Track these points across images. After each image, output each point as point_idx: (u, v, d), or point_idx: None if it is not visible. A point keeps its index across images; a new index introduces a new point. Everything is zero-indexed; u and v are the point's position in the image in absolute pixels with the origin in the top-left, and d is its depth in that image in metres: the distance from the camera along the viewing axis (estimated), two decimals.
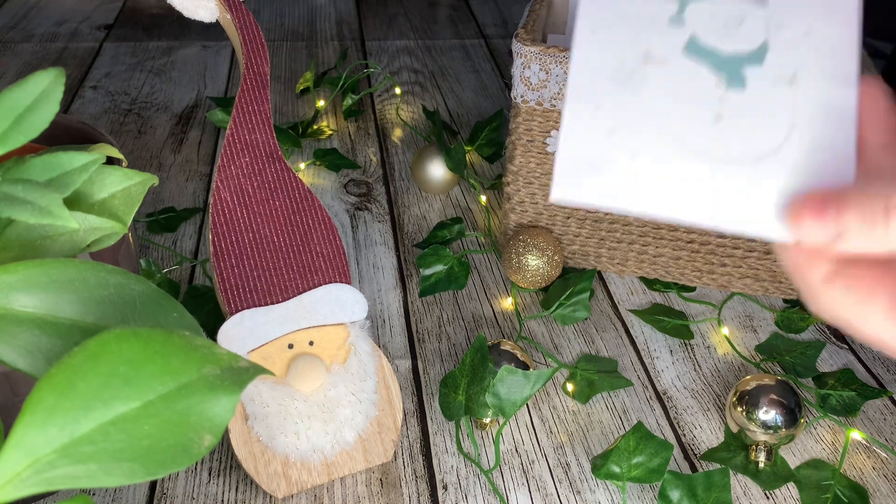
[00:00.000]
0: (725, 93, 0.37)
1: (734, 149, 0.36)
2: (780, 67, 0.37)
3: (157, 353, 0.33)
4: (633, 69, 0.37)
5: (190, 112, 1.17)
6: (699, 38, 0.38)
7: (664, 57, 0.37)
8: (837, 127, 0.36)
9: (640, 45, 0.38)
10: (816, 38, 0.37)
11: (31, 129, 0.44)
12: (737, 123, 0.37)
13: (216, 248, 0.64)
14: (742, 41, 0.38)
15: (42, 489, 0.30)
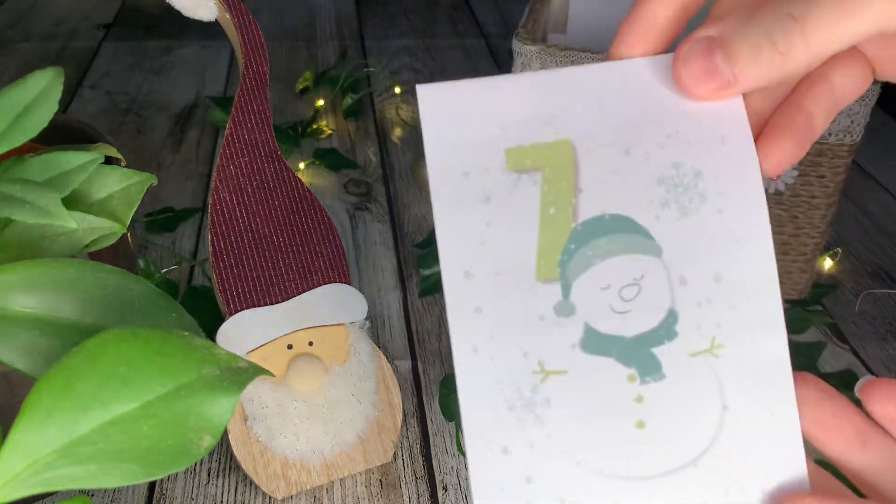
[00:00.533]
0: (642, 389, 0.31)
1: (668, 458, 0.31)
2: (697, 336, 0.31)
3: (156, 354, 0.33)
4: (531, 392, 0.31)
5: (189, 112, 1.17)
6: (595, 326, 0.31)
7: (562, 365, 0.31)
8: (773, 387, 0.31)
9: (531, 357, 0.31)
10: (728, 283, 0.31)
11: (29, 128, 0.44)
12: (663, 426, 0.31)
13: (215, 248, 0.64)
14: (646, 315, 0.31)
15: (41, 490, 0.30)
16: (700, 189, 0.32)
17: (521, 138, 0.32)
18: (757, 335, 0.31)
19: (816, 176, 0.75)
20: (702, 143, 0.32)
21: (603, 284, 0.31)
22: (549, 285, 0.31)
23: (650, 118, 0.32)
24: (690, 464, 0.31)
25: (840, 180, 0.75)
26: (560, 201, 0.32)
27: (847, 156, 0.73)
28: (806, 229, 0.78)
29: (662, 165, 0.32)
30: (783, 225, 0.78)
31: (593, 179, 0.32)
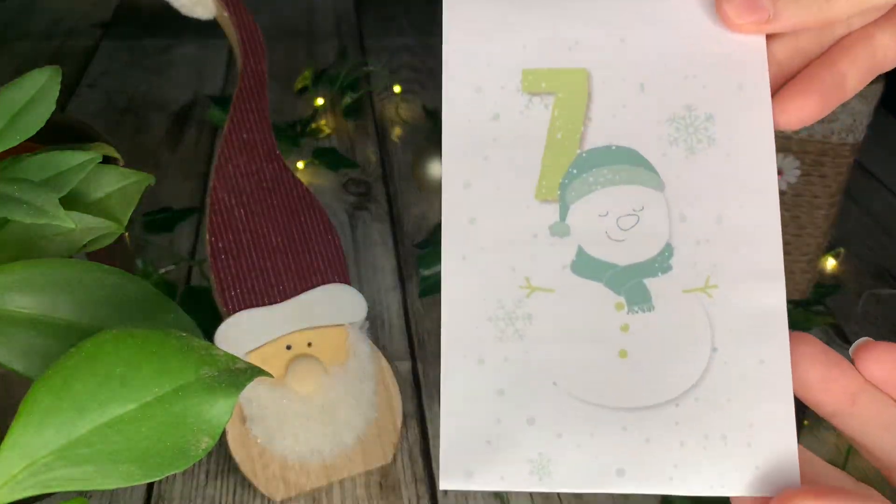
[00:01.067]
0: (628, 318, 0.31)
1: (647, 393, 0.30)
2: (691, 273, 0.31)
3: (153, 355, 0.33)
4: (514, 306, 0.31)
5: (187, 111, 1.16)
6: (589, 250, 0.31)
7: (549, 283, 0.31)
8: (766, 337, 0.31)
9: (519, 272, 0.31)
10: (729, 227, 0.31)
11: (27, 128, 0.44)
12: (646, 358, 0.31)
13: (214, 247, 0.64)
14: (642, 246, 0.31)
15: (38, 491, 0.30)
16: (710, 132, 0.32)
17: (541, 60, 0.32)
18: (754, 282, 0.31)
19: (819, 176, 0.75)
20: (718, 88, 0.32)
21: (601, 211, 0.32)
22: (546, 205, 0.32)
23: (670, 57, 0.32)
24: (671, 402, 0.30)
25: (843, 180, 0.75)
26: (569, 127, 0.32)
27: (850, 155, 0.73)
28: (808, 229, 0.78)
29: (676, 105, 0.32)
30: (785, 225, 0.78)
31: (605, 111, 0.32)
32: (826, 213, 0.77)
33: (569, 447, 0.30)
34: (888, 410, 0.30)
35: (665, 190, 0.32)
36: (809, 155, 0.74)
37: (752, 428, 0.30)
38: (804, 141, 0.73)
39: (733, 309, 0.31)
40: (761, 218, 0.31)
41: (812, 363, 0.30)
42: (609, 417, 0.30)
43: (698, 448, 0.30)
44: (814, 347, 0.31)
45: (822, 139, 0.73)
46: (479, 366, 0.31)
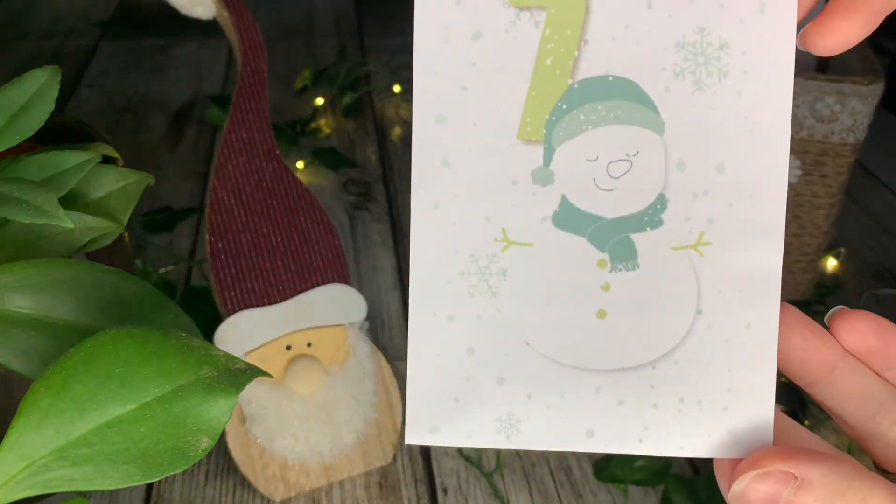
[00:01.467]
0: (610, 276, 0.29)
1: (624, 354, 0.29)
2: (683, 228, 0.28)
3: (153, 355, 0.33)
4: (488, 261, 0.29)
5: (187, 110, 1.16)
6: (573, 200, 0.28)
7: (528, 237, 0.29)
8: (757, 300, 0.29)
9: (495, 223, 0.28)
10: (731, 177, 0.28)
11: (26, 127, 0.44)
12: (626, 319, 0.29)
13: (213, 247, 0.64)
14: (632, 196, 0.28)
15: (38, 492, 0.30)
16: (722, 63, 0.28)
17: None
18: (751, 241, 0.28)
19: (819, 175, 0.75)
20: (737, 8, 0.28)
21: (591, 155, 0.28)
22: (530, 146, 0.28)
23: None
24: (648, 364, 0.29)
25: (843, 180, 0.75)
26: (560, 52, 0.28)
27: (850, 155, 0.73)
28: (809, 229, 0.78)
29: (686, 27, 0.28)
30: (786, 225, 0.78)
31: (604, 32, 0.28)
32: (826, 213, 0.77)
33: (538, 408, 0.29)
34: (865, 381, 0.30)
35: (664, 132, 0.28)
36: (810, 155, 0.74)
37: (730, 392, 0.29)
38: (805, 141, 0.73)
39: (724, 269, 0.29)
40: (767, 167, 0.28)
41: (792, 332, 0.30)
42: (582, 379, 0.29)
43: (672, 411, 0.29)
44: (794, 317, 0.30)
45: (823, 139, 0.72)
46: (450, 322, 0.29)
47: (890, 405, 0.30)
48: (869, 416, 0.30)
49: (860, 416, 0.30)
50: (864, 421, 0.30)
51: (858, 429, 0.30)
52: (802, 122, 0.72)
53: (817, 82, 0.70)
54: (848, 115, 0.71)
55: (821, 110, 0.71)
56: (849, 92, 0.69)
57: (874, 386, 0.30)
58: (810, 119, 0.71)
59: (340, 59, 1.26)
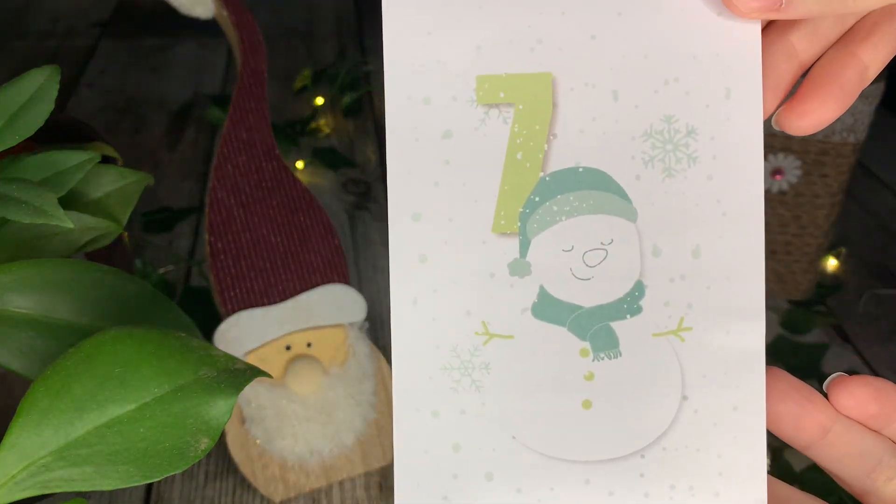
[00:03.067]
0: (594, 366, 0.29)
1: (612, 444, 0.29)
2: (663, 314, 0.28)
3: (152, 355, 0.33)
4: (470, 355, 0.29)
5: (186, 110, 1.16)
6: (551, 290, 0.28)
7: (508, 329, 0.29)
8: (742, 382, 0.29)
9: (475, 316, 0.28)
10: (707, 260, 0.28)
11: (25, 127, 0.44)
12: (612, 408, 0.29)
13: (213, 247, 0.63)
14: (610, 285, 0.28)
15: (37, 492, 0.30)
16: (691, 149, 0.28)
17: (498, 65, 0.28)
18: (732, 323, 0.29)
19: (820, 175, 0.75)
20: (703, 95, 0.28)
21: (566, 245, 0.28)
22: (505, 239, 0.28)
23: (648, 57, 0.28)
24: (636, 453, 0.29)
25: (844, 180, 0.75)
26: (530, 146, 0.28)
27: (851, 155, 0.73)
28: (809, 229, 0.78)
29: (653, 116, 0.28)
30: (786, 225, 0.78)
31: (572, 125, 0.28)
32: (827, 213, 0.77)
33: (529, 502, 0.29)
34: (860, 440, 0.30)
35: (637, 220, 0.28)
36: (811, 154, 0.74)
37: (722, 477, 0.29)
38: (805, 140, 0.73)
39: (707, 353, 0.29)
40: (743, 249, 0.29)
41: (784, 399, 0.30)
42: (571, 471, 0.29)
43: (664, 499, 0.29)
44: (786, 383, 0.30)
45: (824, 139, 0.72)
46: (434, 419, 0.29)
47: (885, 461, 0.30)
48: (865, 474, 0.30)
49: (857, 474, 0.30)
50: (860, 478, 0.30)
51: (856, 486, 0.31)
52: None
53: None
54: (848, 115, 0.71)
55: None
56: None
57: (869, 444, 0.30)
58: None
59: (340, 59, 1.25)
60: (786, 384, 0.30)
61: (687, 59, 0.28)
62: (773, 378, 0.30)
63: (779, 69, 0.29)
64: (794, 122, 0.28)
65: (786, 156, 0.74)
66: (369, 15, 1.51)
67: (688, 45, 0.28)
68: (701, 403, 0.29)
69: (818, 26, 0.29)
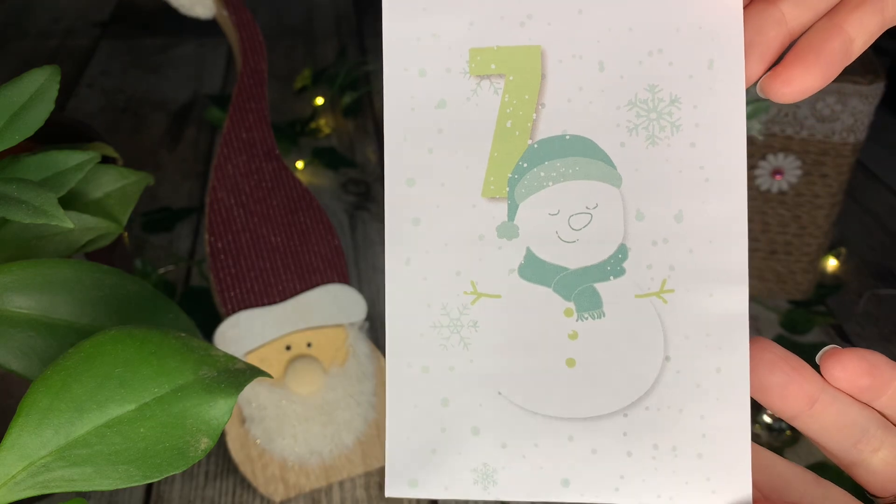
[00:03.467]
0: (577, 325, 0.30)
1: (595, 402, 0.30)
2: (646, 276, 0.29)
3: (152, 355, 0.33)
4: (459, 313, 0.30)
5: (186, 110, 1.16)
6: (538, 252, 0.30)
7: (496, 289, 0.30)
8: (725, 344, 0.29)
9: (464, 276, 0.30)
10: (690, 225, 0.29)
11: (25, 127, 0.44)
12: (595, 367, 0.30)
13: (213, 247, 0.63)
14: (594, 247, 0.29)
15: (37, 492, 0.30)
16: (674, 118, 0.30)
17: (490, 38, 0.30)
18: (714, 286, 0.29)
19: (820, 175, 0.75)
20: (686, 66, 0.29)
21: (552, 209, 0.30)
22: (494, 203, 0.30)
23: (633, 30, 0.29)
24: (619, 412, 0.30)
25: (844, 180, 0.75)
26: (519, 115, 0.30)
27: (851, 155, 0.73)
28: (809, 229, 0.78)
29: (637, 86, 0.29)
30: (787, 225, 0.78)
31: (559, 94, 0.30)
32: (827, 213, 0.77)
33: (513, 457, 0.30)
34: (846, 410, 0.30)
35: (622, 185, 0.30)
36: (810, 154, 0.74)
37: (705, 439, 0.30)
38: (805, 140, 0.73)
39: (690, 315, 0.30)
40: (726, 214, 0.29)
41: (772, 369, 0.30)
42: (555, 428, 0.30)
43: (646, 458, 0.30)
44: (773, 353, 0.30)
45: (824, 139, 0.72)
46: (424, 374, 0.30)
47: (871, 432, 0.30)
48: (851, 444, 0.30)
49: (843, 445, 0.30)
50: (846, 449, 0.31)
51: (842, 457, 0.31)
52: (803, 122, 0.72)
53: None
54: (848, 115, 0.71)
55: (821, 110, 0.71)
56: (849, 92, 0.69)
57: (855, 414, 0.30)
58: (811, 119, 0.71)
59: (340, 59, 1.25)
60: (773, 354, 0.30)
61: (670, 31, 0.29)
62: (760, 348, 0.30)
63: (767, 36, 0.30)
64: (777, 89, 0.29)
65: (786, 156, 0.74)
66: (369, 15, 1.51)
67: (671, 17, 0.29)
68: (683, 364, 0.30)
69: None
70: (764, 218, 0.78)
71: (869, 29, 0.29)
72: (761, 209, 0.78)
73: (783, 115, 0.72)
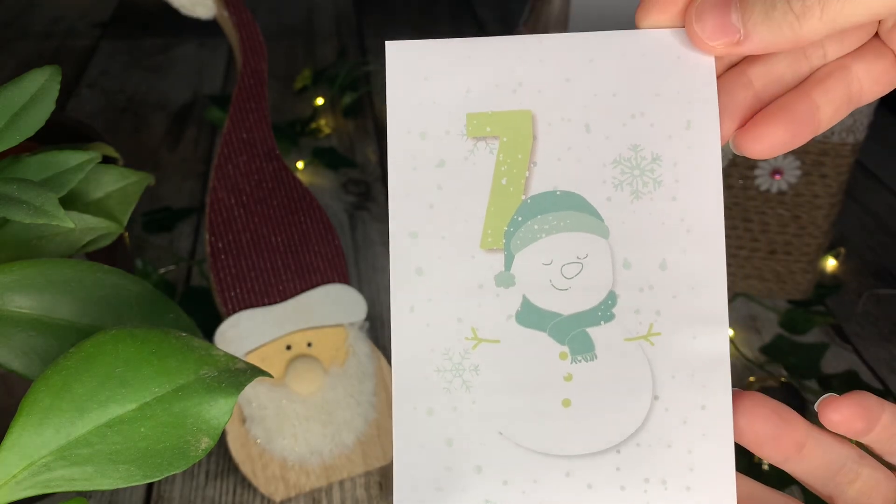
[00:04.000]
0: (572, 367, 0.31)
1: (589, 440, 0.31)
2: (634, 321, 0.31)
3: (153, 355, 0.33)
4: (461, 358, 0.32)
5: (187, 110, 1.16)
6: (533, 299, 0.32)
7: (495, 335, 0.32)
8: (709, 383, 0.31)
9: (465, 323, 0.32)
10: (673, 272, 0.31)
11: (26, 127, 0.44)
12: (589, 407, 0.31)
13: (213, 247, 0.63)
14: (585, 294, 0.31)
15: (38, 492, 0.30)
16: (656, 174, 0.32)
17: (485, 104, 0.32)
18: (697, 328, 0.31)
19: (819, 175, 0.75)
20: (666, 127, 0.32)
21: (546, 259, 0.32)
22: (492, 254, 0.32)
23: (617, 95, 0.32)
24: (612, 449, 0.31)
25: (843, 180, 0.75)
26: (513, 172, 0.32)
27: (850, 155, 0.73)
28: (809, 229, 0.78)
29: (621, 146, 0.32)
30: (786, 225, 0.78)
31: (550, 154, 0.32)
32: (827, 213, 0.77)
33: (514, 493, 0.31)
34: (829, 450, 0.33)
35: (609, 236, 0.32)
36: (810, 155, 0.74)
37: (693, 472, 0.31)
38: None
39: (675, 356, 0.31)
40: (706, 263, 0.31)
41: (764, 422, 0.32)
42: (553, 464, 0.31)
43: (638, 492, 0.31)
44: (764, 407, 0.32)
45: (823, 139, 0.72)
46: (429, 416, 0.32)
47: (848, 466, 0.33)
48: (830, 478, 0.33)
49: (823, 480, 0.33)
50: (827, 483, 0.33)
51: (822, 490, 0.34)
52: None
53: None
54: (848, 115, 0.71)
55: None
56: None
57: (836, 453, 0.33)
58: None
59: (340, 59, 1.25)
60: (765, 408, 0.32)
61: (651, 95, 0.32)
62: (753, 403, 0.32)
63: (736, 98, 0.32)
64: (749, 145, 0.31)
65: (785, 156, 0.74)
66: (369, 15, 1.52)
67: (652, 83, 0.32)
68: (671, 402, 0.31)
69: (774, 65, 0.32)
70: (764, 218, 0.78)
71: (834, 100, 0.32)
72: (761, 209, 0.78)
73: None
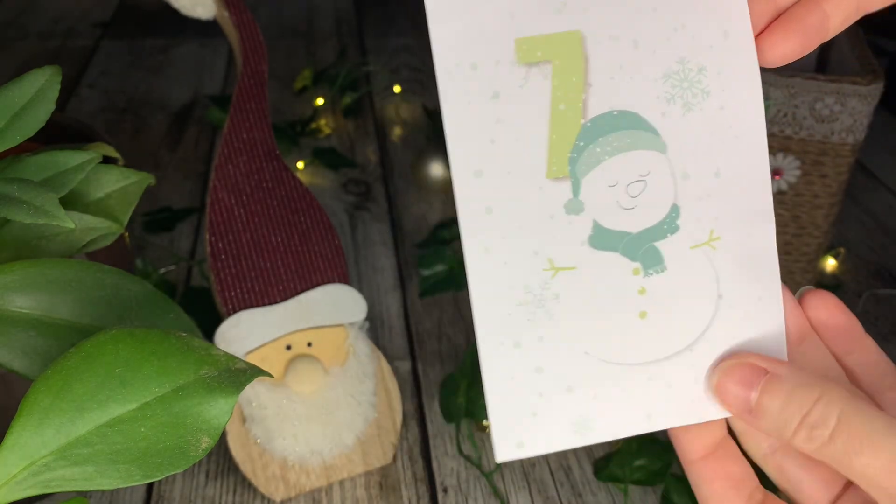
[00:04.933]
0: (645, 281, 0.33)
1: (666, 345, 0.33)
2: (697, 229, 0.33)
3: (153, 355, 0.33)
4: (541, 289, 0.32)
5: (187, 111, 1.16)
6: (603, 222, 0.32)
7: (571, 262, 0.32)
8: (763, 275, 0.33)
9: (541, 255, 0.32)
10: (726, 178, 0.33)
11: (26, 127, 0.44)
12: (663, 315, 0.33)
13: (213, 247, 0.64)
14: (651, 210, 0.33)
15: (38, 492, 0.30)
16: (703, 85, 0.33)
17: (531, 28, 0.31)
18: (750, 227, 0.33)
19: (819, 175, 0.75)
20: (705, 38, 0.32)
21: (611, 181, 0.32)
22: (559, 183, 0.32)
23: (657, 10, 0.32)
24: (686, 349, 0.33)
25: (843, 180, 0.75)
26: (570, 97, 0.32)
27: (850, 155, 0.73)
28: (809, 229, 0.78)
29: (669, 60, 0.32)
30: (786, 225, 0.78)
31: (602, 74, 0.32)
32: (826, 213, 0.77)
33: (604, 405, 0.33)
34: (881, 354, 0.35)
35: (667, 151, 0.32)
36: (810, 155, 0.74)
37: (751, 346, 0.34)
38: (804, 141, 0.73)
39: (734, 256, 0.33)
40: (753, 164, 0.33)
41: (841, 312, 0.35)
42: (636, 372, 0.33)
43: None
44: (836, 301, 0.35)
45: (823, 139, 0.72)
46: (517, 349, 0.32)
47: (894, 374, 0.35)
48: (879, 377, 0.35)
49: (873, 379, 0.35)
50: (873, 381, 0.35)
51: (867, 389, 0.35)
52: (802, 122, 0.72)
53: (817, 82, 0.70)
54: (847, 115, 0.71)
55: (820, 110, 0.71)
56: (848, 92, 0.69)
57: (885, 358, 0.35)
58: (810, 119, 0.71)
59: (340, 59, 1.25)
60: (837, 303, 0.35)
61: (689, 8, 0.32)
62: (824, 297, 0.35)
63: (758, 8, 0.33)
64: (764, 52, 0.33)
65: (785, 156, 0.74)
66: (369, 15, 1.52)
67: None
68: (734, 299, 0.33)
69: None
70: None
71: (844, 8, 0.33)
72: None
73: (782, 116, 0.72)
